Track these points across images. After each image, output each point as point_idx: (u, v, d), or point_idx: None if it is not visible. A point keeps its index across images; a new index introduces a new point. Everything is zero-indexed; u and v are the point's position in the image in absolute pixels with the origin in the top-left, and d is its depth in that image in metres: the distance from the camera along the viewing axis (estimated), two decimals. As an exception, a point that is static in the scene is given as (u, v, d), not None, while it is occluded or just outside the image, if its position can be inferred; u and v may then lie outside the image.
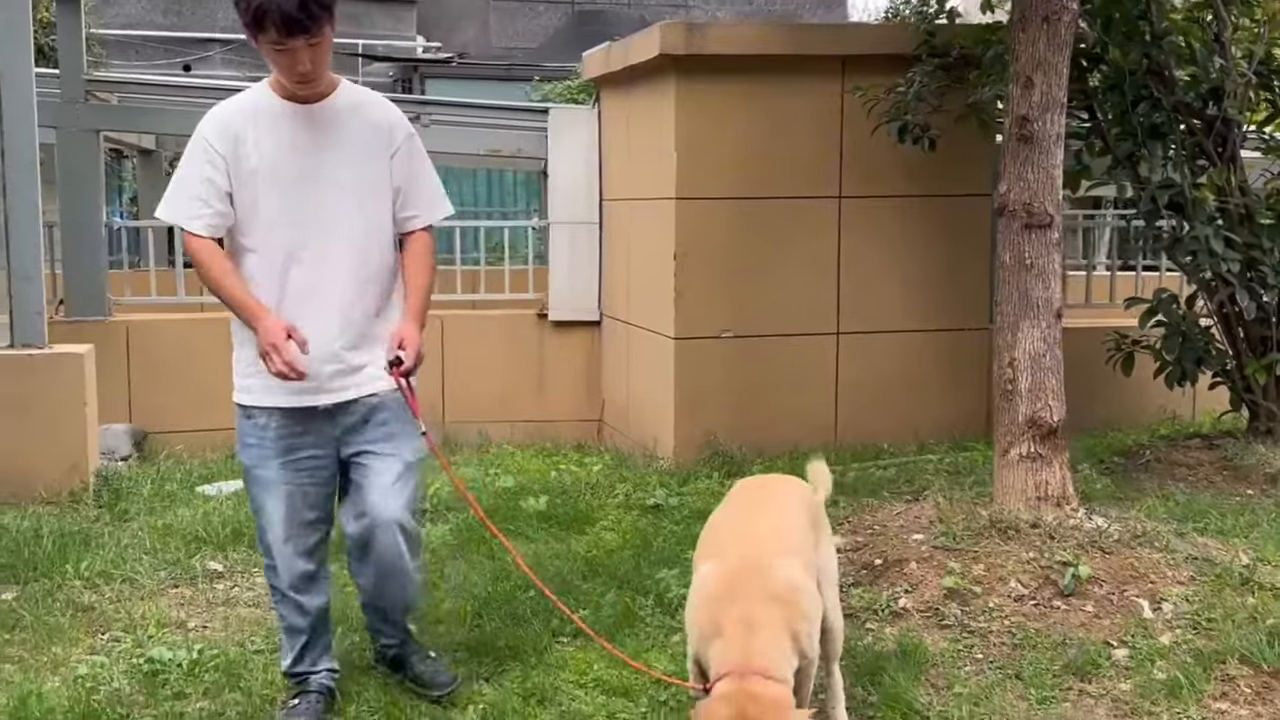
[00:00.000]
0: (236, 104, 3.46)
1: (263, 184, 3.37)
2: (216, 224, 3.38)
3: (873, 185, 6.64)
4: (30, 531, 5.05)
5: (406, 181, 3.51)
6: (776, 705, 2.68)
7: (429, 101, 9.38)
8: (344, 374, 3.44)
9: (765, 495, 3.53)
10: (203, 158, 3.38)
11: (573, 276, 7.66)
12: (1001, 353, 4.61)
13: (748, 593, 2.90)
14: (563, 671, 3.84)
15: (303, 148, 3.38)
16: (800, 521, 3.30)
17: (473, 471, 6.39)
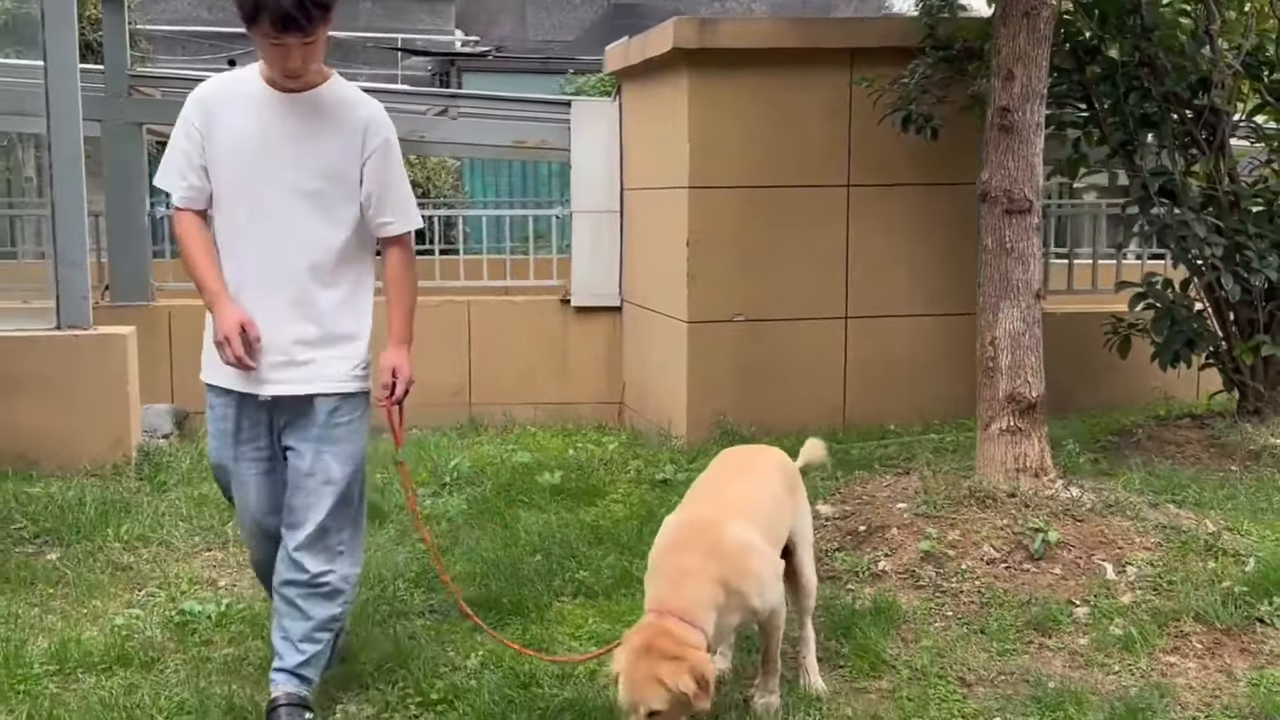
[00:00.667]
0: (222, 82, 3.52)
1: (230, 165, 3.38)
2: (192, 196, 3.42)
3: (880, 174, 6.86)
4: (74, 499, 5.41)
5: (379, 186, 3.46)
6: (680, 641, 3.00)
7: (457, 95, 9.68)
8: (287, 366, 3.40)
9: (744, 462, 3.81)
10: (182, 130, 3.43)
11: (595, 263, 7.94)
12: (983, 332, 4.83)
13: (690, 545, 3.23)
14: (560, 625, 4.13)
15: (274, 136, 3.38)
16: (772, 489, 3.58)
17: (492, 449, 6.71)
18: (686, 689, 2.93)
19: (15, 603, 4.32)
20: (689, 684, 2.94)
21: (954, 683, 3.64)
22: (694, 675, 2.95)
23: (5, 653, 3.79)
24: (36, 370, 6.15)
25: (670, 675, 2.94)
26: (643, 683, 2.96)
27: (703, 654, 3.04)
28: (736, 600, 3.19)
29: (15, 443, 6.13)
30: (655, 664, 2.96)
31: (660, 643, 3.00)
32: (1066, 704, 3.42)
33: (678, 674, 2.94)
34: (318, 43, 3.29)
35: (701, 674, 2.97)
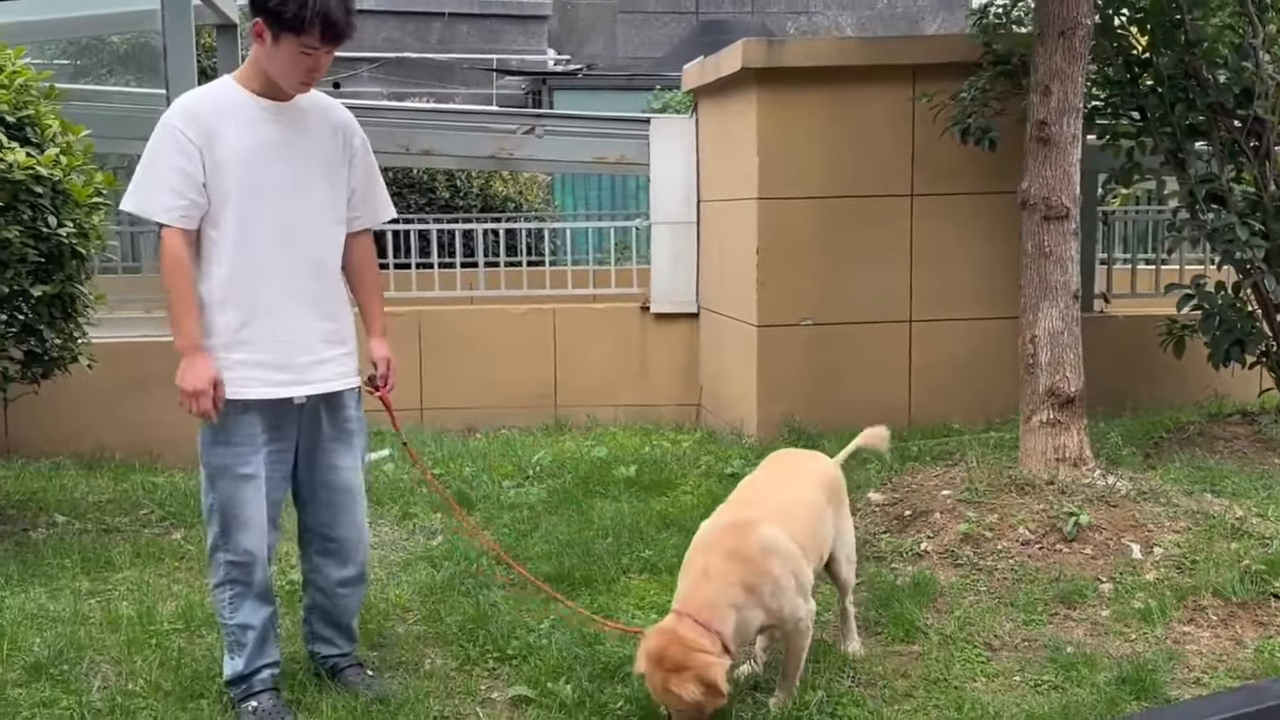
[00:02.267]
0: (203, 96, 3.50)
1: (236, 176, 3.40)
2: (192, 215, 3.40)
3: (942, 183, 7.18)
4: (194, 488, 5.93)
5: (361, 184, 3.65)
6: (688, 647, 3.16)
7: (543, 114, 10.20)
8: (317, 365, 3.56)
9: (790, 468, 3.99)
10: (174, 148, 3.37)
11: (673, 272, 8.36)
12: (1024, 331, 5.15)
13: (716, 545, 3.38)
14: (625, 597, 4.55)
15: (276, 144, 3.46)
16: (812, 497, 3.72)
17: (573, 445, 7.17)
18: (694, 697, 3.11)
19: (146, 573, 4.89)
20: (694, 691, 3.11)
21: (980, 647, 3.98)
22: (699, 682, 3.11)
23: (139, 611, 4.34)
24: (160, 372, 6.69)
25: (677, 685, 3.12)
26: (659, 691, 3.20)
27: (707, 658, 3.16)
28: (758, 603, 3.31)
29: (142, 439, 6.76)
30: (665, 674, 3.16)
31: (670, 650, 3.17)
32: (1080, 665, 3.75)
33: (683, 683, 3.11)
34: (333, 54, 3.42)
35: (707, 679, 3.12)
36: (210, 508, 3.59)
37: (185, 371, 3.42)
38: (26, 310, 5.05)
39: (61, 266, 5.13)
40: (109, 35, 10.10)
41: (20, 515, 5.69)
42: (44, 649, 3.98)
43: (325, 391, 3.62)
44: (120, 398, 6.75)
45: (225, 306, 3.48)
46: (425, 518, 5.72)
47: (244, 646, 3.63)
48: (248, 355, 3.49)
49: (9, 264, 4.84)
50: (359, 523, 3.81)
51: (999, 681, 3.75)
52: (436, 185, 12.86)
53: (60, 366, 5.38)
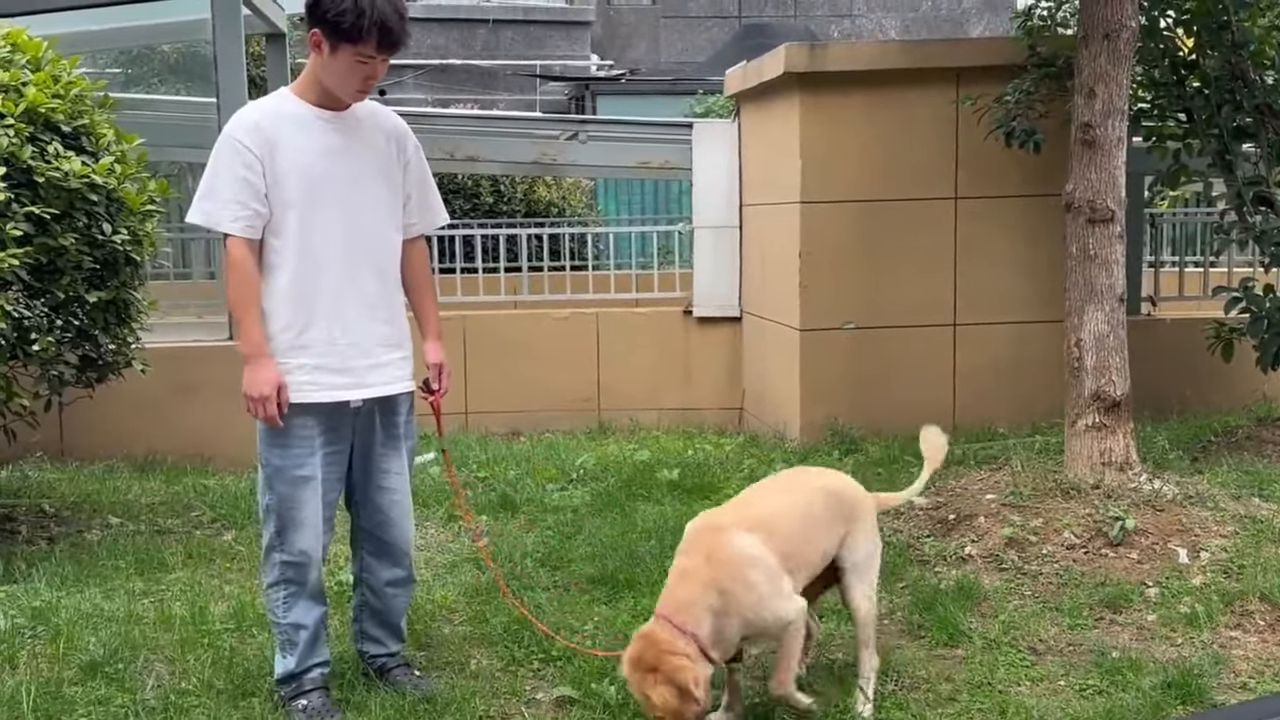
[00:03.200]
0: (264, 108, 3.58)
1: (297, 187, 3.49)
2: (256, 224, 3.48)
3: (987, 186, 7.15)
4: (245, 490, 6.08)
5: (416, 190, 3.74)
6: (662, 650, 3.14)
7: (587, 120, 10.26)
8: (375, 369, 3.64)
9: (792, 481, 3.91)
10: (237, 160, 3.46)
11: (715, 276, 8.38)
12: (1069, 334, 5.13)
13: (693, 548, 3.35)
14: (669, 599, 4.57)
15: (335, 152, 3.55)
16: (807, 509, 3.57)
17: (616, 449, 7.21)
18: (667, 702, 3.09)
19: (198, 574, 4.98)
20: (665, 695, 3.09)
21: (1024, 651, 3.97)
22: (672, 685, 3.09)
23: (192, 611, 4.43)
24: (211, 377, 6.87)
25: (650, 688, 3.12)
26: (639, 695, 3.20)
27: (679, 660, 3.12)
28: (733, 607, 3.24)
29: (194, 442, 6.88)
30: (641, 678, 3.15)
31: (645, 655, 3.16)
32: (1125, 670, 3.73)
33: (655, 686, 3.11)
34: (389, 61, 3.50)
35: (679, 683, 3.08)
36: (267, 508, 3.66)
37: (250, 377, 3.50)
38: (82, 316, 5.15)
39: (116, 273, 5.23)
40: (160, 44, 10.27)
41: (75, 517, 5.81)
42: (99, 648, 4.07)
43: (382, 395, 3.69)
44: (171, 402, 6.87)
45: (286, 312, 3.56)
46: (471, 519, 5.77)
47: (296, 645, 3.69)
48: (307, 359, 3.57)
49: (65, 270, 4.94)
50: (408, 525, 3.88)
51: (1043, 686, 3.75)
52: (480, 191, 12.97)
53: (114, 371, 5.49)
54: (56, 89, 5.06)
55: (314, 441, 3.61)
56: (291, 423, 3.55)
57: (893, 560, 4.80)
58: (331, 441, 3.65)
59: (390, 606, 3.91)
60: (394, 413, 3.76)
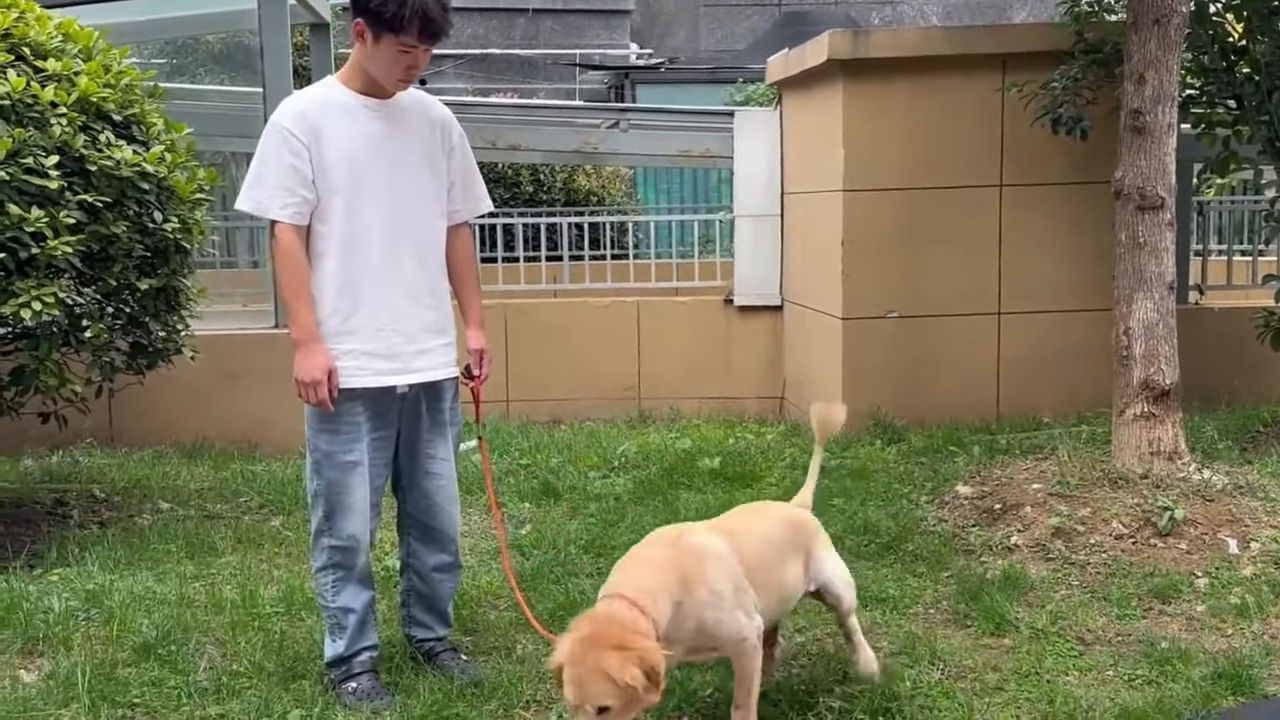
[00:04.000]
0: (311, 97, 3.63)
1: (343, 173, 3.53)
2: (304, 211, 3.53)
3: (1032, 173, 7.09)
4: (292, 476, 6.15)
5: (460, 177, 3.78)
6: (626, 628, 2.88)
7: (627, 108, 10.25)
8: (420, 355, 3.68)
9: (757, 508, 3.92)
10: (284, 147, 3.51)
11: (756, 264, 8.37)
12: (1117, 322, 5.09)
13: (655, 541, 3.28)
14: (712, 587, 4.57)
15: (379, 140, 3.58)
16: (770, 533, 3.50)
17: (657, 438, 7.22)
18: (635, 681, 2.78)
19: (247, 559, 5.04)
20: (637, 676, 2.79)
21: (1072, 641, 3.95)
22: (642, 666, 2.80)
23: (242, 595, 4.48)
24: (257, 364, 6.95)
25: (617, 668, 2.77)
26: (589, 677, 2.80)
27: (651, 643, 2.89)
28: (692, 602, 3.08)
29: (240, 429, 6.96)
30: (601, 655, 2.79)
31: (606, 630, 2.86)
32: (1175, 660, 3.71)
33: (625, 666, 2.78)
34: (431, 50, 3.54)
35: (650, 664, 2.81)
36: (315, 493, 3.70)
37: (302, 362, 3.54)
38: (133, 303, 5.22)
39: (166, 261, 5.29)
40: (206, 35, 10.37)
41: (126, 502, 5.89)
42: (152, 630, 4.13)
43: (427, 381, 3.73)
44: (219, 389, 6.95)
45: (332, 298, 3.60)
46: (514, 507, 5.81)
47: (345, 629, 3.74)
48: (354, 345, 3.61)
49: (117, 258, 5.01)
50: (454, 511, 3.91)
51: (1091, 676, 3.73)
52: (521, 180, 12.99)
53: (164, 358, 5.55)
54: (108, 79, 5.12)
55: (361, 427, 3.65)
56: (339, 408, 3.59)
57: (937, 550, 4.79)
58: (378, 427, 3.69)
59: (437, 591, 3.95)
60: (439, 399, 3.80)
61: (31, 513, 5.66)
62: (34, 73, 4.84)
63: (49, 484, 6.15)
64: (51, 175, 4.59)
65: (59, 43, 5.10)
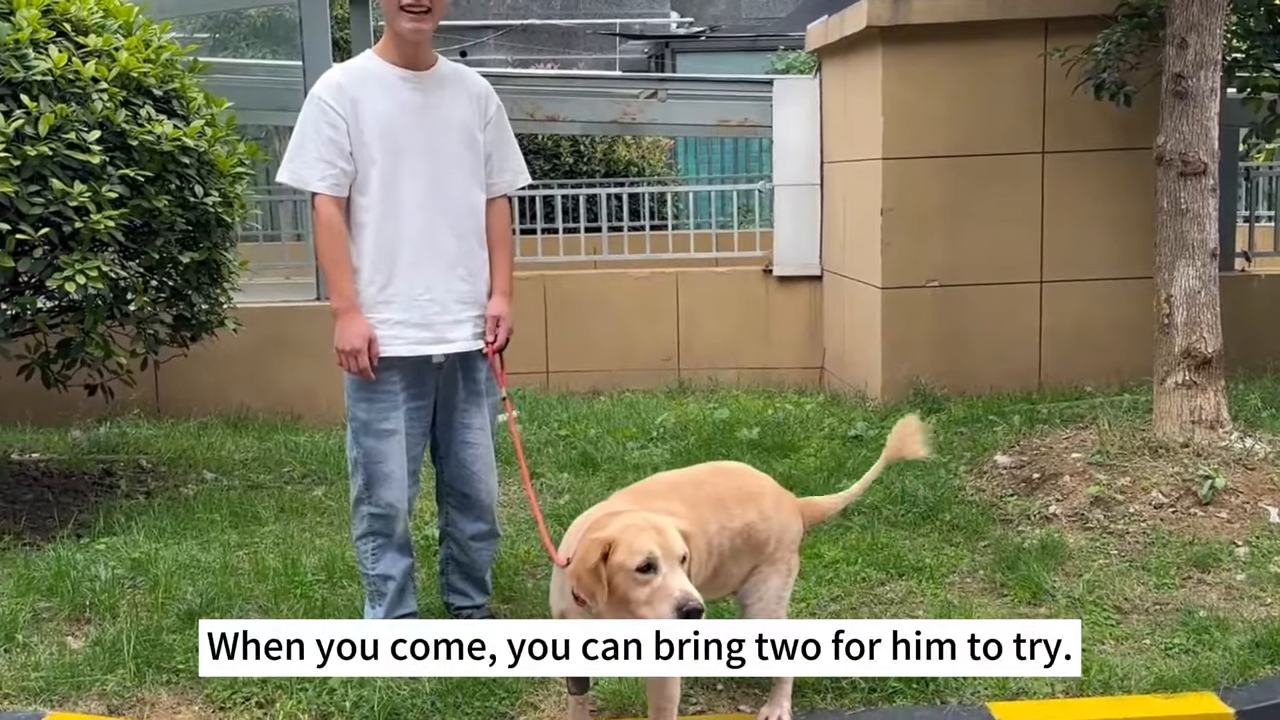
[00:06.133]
0: (348, 69, 3.70)
1: (379, 144, 3.58)
2: (342, 182, 3.59)
3: (1075, 140, 7.01)
4: (334, 446, 6.22)
5: (495, 148, 3.80)
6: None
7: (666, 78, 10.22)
8: (455, 325, 3.72)
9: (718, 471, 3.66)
10: (322, 119, 3.57)
11: (796, 234, 8.33)
12: (1159, 290, 5.03)
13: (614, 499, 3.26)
14: (749, 555, 4.59)
15: (415, 111, 3.63)
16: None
17: (696, 408, 7.23)
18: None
19: (290, 528, 5.11)
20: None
21: (1109, 610, 3.93)
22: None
23: (285, 563, 4.55)
24: (299, 337, 7.02)
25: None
26: (658, 530, 2.81)
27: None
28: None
29: (283, 400, 7.05)
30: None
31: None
32: (1212, 629, 3.68)
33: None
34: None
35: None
36: (354, 461, 3.76)
37: (342, 331, 3.60)
38: (176, 276, 5.28)
39: (208, 234, 5.35)
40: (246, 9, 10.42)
41: (172, 472, 5.99)
42: (196, 597, 4.20)
43: (462, 351, 3.76)
44: (261, 360, 7.04)
45: (370, 268, 3.66)
46: (552, 477, 5.85)
47: (384, 596, 3.80)
48: (390, 314, 3.66)
49: (159, 232, 5.07)
50: (490, 480, 3.95)
51: (1128, 644, 3.71)
52: (561, 151, 13.00)
53: (207, 330, 5.63)
54: (148, 53, 5.17)
55: (398, 396, 3.70)
56: (376, 377, 3.65)
57: (975, 519, 4.77)
58: (415, 396, 3.74)
59: (475, 560, 3.99)
60: (475, 369, 3.85)
61: (79, 483, 5.78)
62: (75, 48, 4.90)
63: (96, 454, 6.26)
64: (93, 150, 4.65)
65: (100, 18, 5.16)
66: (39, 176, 4.53)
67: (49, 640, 3.90)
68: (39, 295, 4.80)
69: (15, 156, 4.43)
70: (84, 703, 3.54)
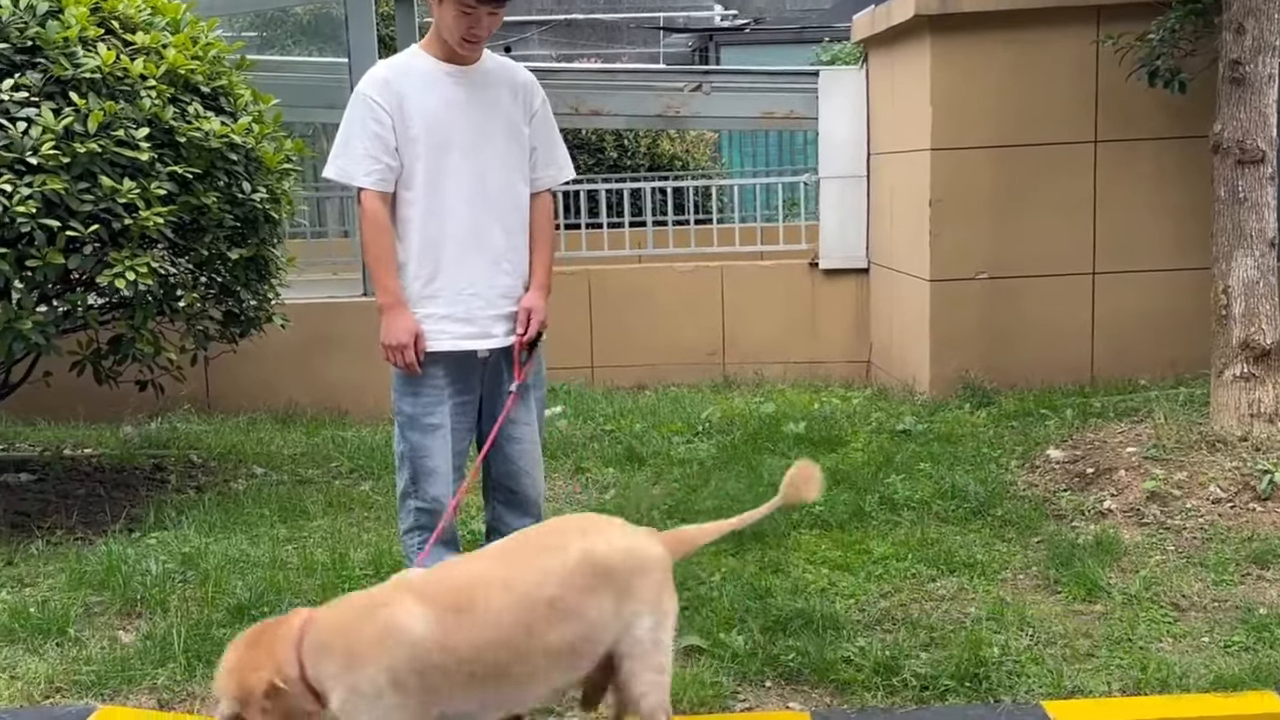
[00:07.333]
0: (394, 65, 3.68)
1: (424, 140, 3.58)
2: (388, 178, 3.58)
3: (1129, 129, 6.89)
4: (381, 441, 6.24)
5: (540, 142, 3.77)
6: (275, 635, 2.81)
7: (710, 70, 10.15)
8: (499, 320, 3.69)
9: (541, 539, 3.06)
10: (368, 115, 3.57)
11: (842, 227, 8.27)
12: (1216, 281, 4.93)
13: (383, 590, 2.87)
14: (795, 552, 4.55)
15: (460, 106, 3.62)
16: (540, 593, 2.79)
17: (741, 402, 7.19)
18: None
19: (338, 522, 5.13)
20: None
21: (1166, 607, 3.86)
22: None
23: (333, 557, 4.57)
24: (346, 332, 7.06)
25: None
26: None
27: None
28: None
29: (330, 395, 7.09)
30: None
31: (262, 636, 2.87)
32: (1273, 626, 3.60)
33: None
34: (500, 15, 3.57)
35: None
36: (401, 456, 3.76)
37: (388, 326, 3.60)
38: (224, 272, 5.31)
39: (256, 230, 5.38)
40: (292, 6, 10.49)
41: (221, 467, 6.04)
42: (246, 591, 4.22)
43: (507, 346, 3.75)
44: (309, 356, 7.08)
45: (415, 262, 3.65)
46: (598, 472, 5.84)
47: None
48: (434, 309, 3.65)
49: (208, 229, 5.10)
50: (537, 475, 3.93)
51: (1186, 642, 3.64)
52: (605, 145, 12.98)
53: (256, 326, 5.65)
54: (195, 50, 5.20)
55: (443, 391, 3.69)
56: (422, 371, 3.65)
57: (1027, 515, 4.70)
58: (460, 391, 3.73)
59: None
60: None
61: (131, 478, 5.84)
62: (123, 46, 4.93)
63: (147, 450, 6.32)
64: (142, 147, 4.68)
65: (147, 16, 5.19)
66: (89, 174, 4.56)
67: (100, 634, 3.94)
68: (90, 292, 4.84)
69: (65, 154, 4.46)
70: (135, 697, 3.56)
